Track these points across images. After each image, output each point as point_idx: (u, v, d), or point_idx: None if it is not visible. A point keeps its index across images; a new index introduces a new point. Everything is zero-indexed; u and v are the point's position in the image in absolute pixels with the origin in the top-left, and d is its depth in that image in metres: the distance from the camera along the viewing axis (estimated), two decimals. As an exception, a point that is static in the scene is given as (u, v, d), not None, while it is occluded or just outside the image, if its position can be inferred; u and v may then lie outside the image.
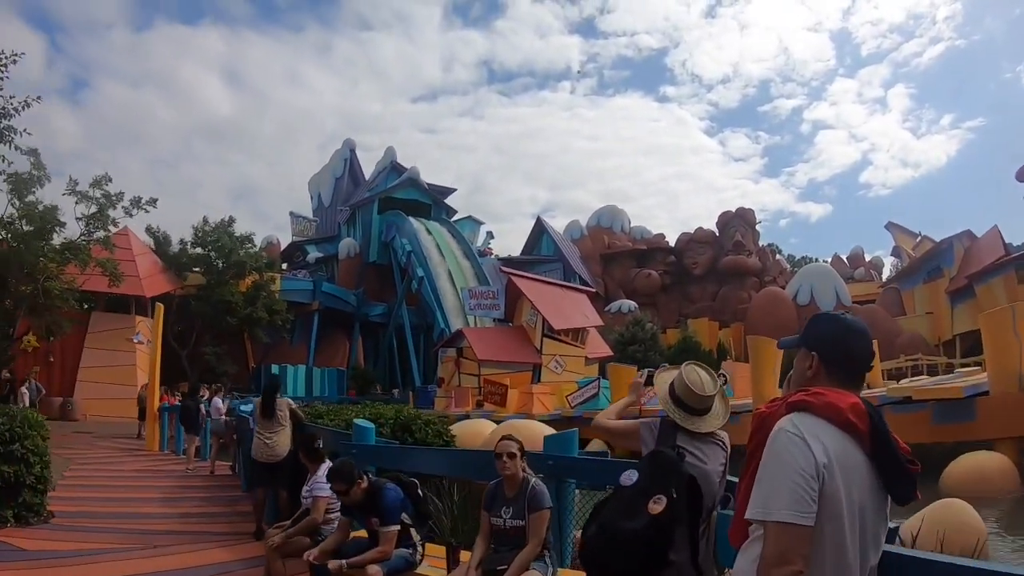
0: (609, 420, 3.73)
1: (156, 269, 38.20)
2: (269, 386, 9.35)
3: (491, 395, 27.76)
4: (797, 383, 2.21)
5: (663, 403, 3.42)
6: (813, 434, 1.93)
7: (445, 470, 6.95)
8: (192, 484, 13.08)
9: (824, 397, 2.01)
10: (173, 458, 17.71)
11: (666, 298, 57.79)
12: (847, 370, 2.13)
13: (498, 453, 4.53)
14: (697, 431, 3.28)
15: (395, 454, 7.29)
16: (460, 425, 10.57)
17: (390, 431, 8.67)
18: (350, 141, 61.43)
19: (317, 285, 48.72)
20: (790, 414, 2.02)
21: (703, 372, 3.42)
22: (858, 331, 2.17)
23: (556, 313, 34.83)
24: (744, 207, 58.50)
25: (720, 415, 3.42)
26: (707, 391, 3.30)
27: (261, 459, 8.75)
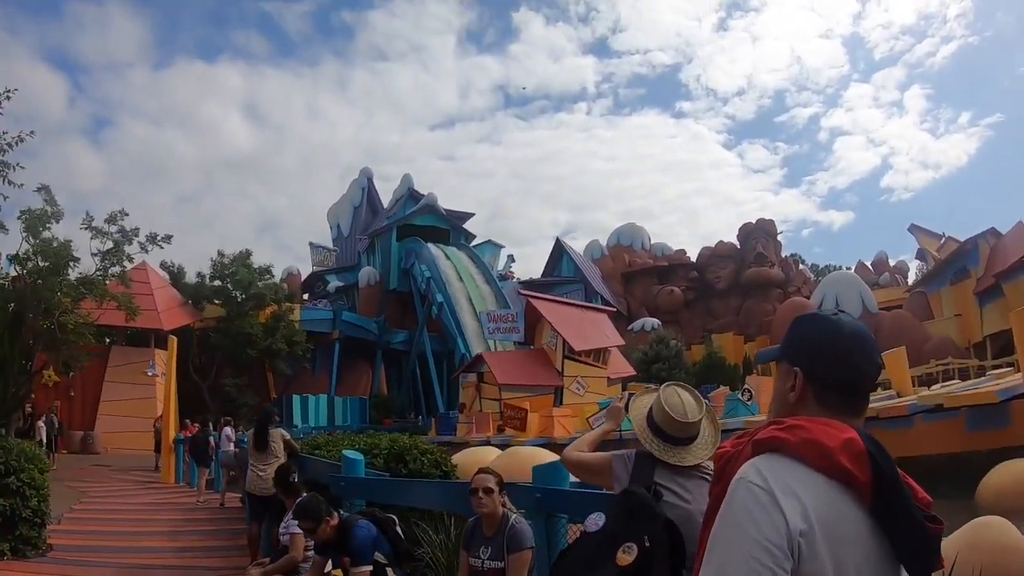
0: (578, 452, 3.23)
1: (174, 303, 38.38)
2: (261, 417, 9.17)
3: (511, 419, 27.31)
4: (778, 411, 1.61)
5: (639, 433, 2.95)
6: (786, 487, 1.36)
7: (438, 503, 6.46)
8: (200, 517, 12.89)
9: (804, 432, 1.43)
10: (187, 490, 17.56)
11: (689, 314, 57.06)
12: (842, 391, 1.54)
13: (473, 489, 4.09)
14: (680, 464, 2.81)
15: (385, 487, 6.88)
16: (464, 454, 10.10)
17: (383, 462, 8.27)
18: (367, 170, 61.69)
19: (337, 314, 48.71)
20: (757, 457, 1.44)
21: (686, 394, 2.90)
22: (856, 335, 1.58)
23: (576, 334, 34.35)
24: (764, 218, 57.83)
25: (709, 443, 2.93)
26: (690, 416, 2.81)
27: (255, 492, 8.52)
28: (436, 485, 7.15)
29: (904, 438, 14.44)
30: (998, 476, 11.20)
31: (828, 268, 70.37)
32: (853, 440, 1.42)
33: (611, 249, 61.53)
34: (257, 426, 9.02)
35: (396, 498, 6.72)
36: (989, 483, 11.20)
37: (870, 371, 1.58)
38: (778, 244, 57.67)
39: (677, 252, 62.01)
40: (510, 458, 8.68)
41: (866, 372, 1.57)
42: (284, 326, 41.49)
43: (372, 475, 7.24)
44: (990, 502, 10.52)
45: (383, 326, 51.78)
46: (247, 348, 39.41)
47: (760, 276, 54.37)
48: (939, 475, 13.81)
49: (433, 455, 8.64)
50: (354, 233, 59.09)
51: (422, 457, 8.42)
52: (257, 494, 8.51)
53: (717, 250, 57.92)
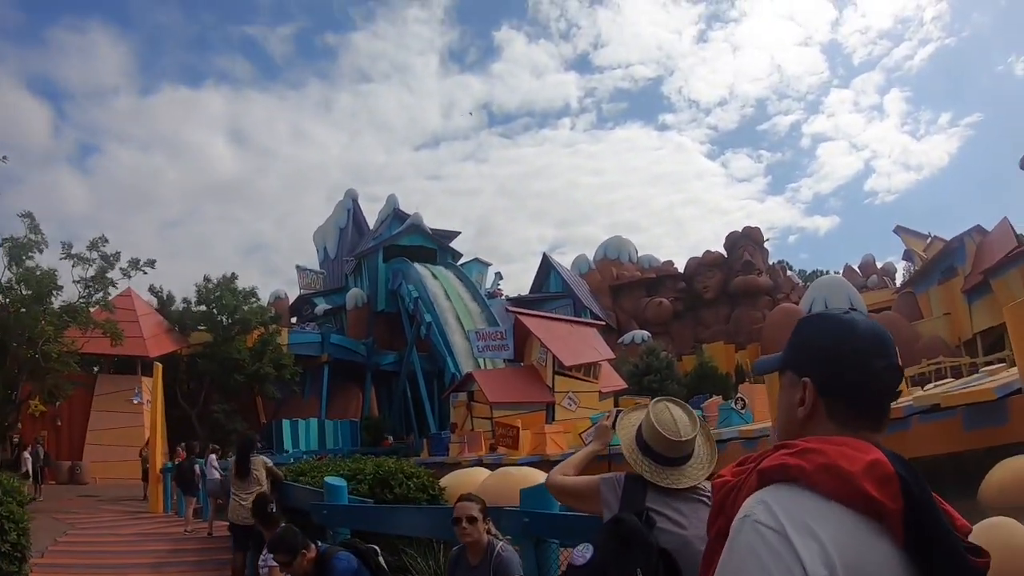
0: (563, 476, 3.01)
1: (160, 329, 38.01)
2: (243, 444, 9.06)
3: (503, 438, 26.96)
4: (785, 430, 1.41)
5: (628, 454, 2.75)
6: (802, 525, 1.14)
7: (425, 530, 6.25)
8: (187, 547, 12.65)
9: (820, 456, 1.22)
10: (176, 520, 17.27)
11: (679, 325, 57.00)
12: (861, 403, 1.33)
13: (455, 518, 3.87)
14: (674, 487, 2.63)
15: (369, 514, 6.70)
16: (453, 476, 9.85)
17: (368, 488, 8.02)
18: (352, 191, 61.58)
19: (325, 337, 48.35)
20: (764, 489, 1.23)
21: (677, 410, 2.73)
22: (874, 336, 1.36)
23: (565, 349, 34.16)
24: (750, 226, 57.99)
25: (705, 462, 2.73)
26: (683, 434, 2.64)
27: (238, 521, 8.36)
28: (422, 511, 6.97)
29: (902, 440, 14.32)
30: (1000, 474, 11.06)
31: (816, 273, 70.55)
32: (879, 462, 1.21)
33: (598, 263, 61.52)
34: (238, 454, 8.89)
35: (381, 525, 6.51)
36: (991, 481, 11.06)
37: (891, 377, 1.36)
38: (765, 251, 57.80)
39: (664, 263, 62.06)
40: (500, 480, 8.47)
41: (887, 379, 1.36)
42: (272, 350, 41.09)
43: (356, 502, 7.06)
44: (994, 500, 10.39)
45: (372, 348, 51.44)
46: (235, 373, 38.98)
47: (748, 284, 54.42)
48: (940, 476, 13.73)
49: (420, 479, 8.42)
50: (341, 255, 58.87)
51: (408, 481, 8.22)
52: (240, 523, 8.34)
53: (704, 260, 57.97)
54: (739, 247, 55.97)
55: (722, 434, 19.19)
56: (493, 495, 7.15)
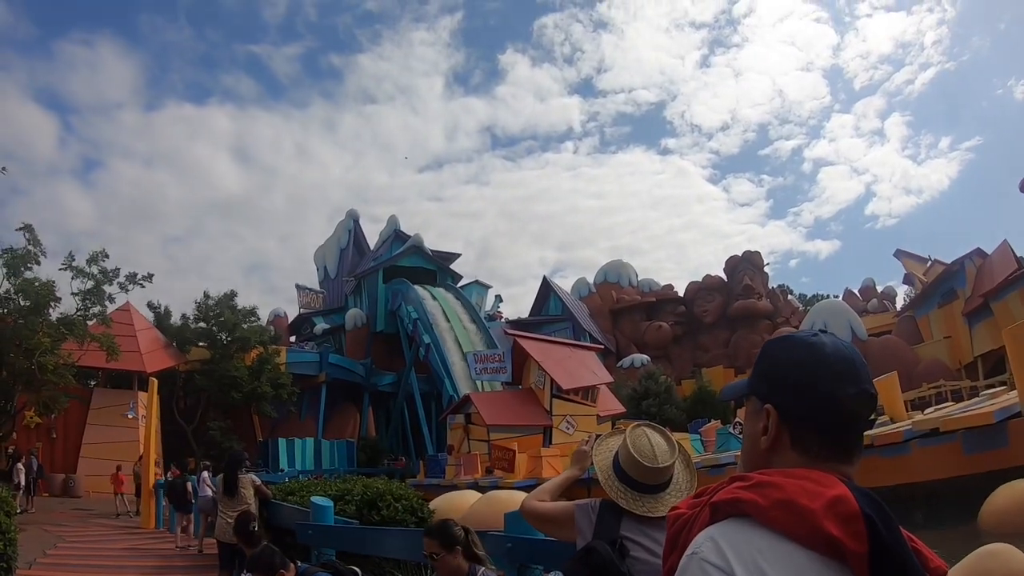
0: (538, 502, 2.90)
1: (158, 344, 37.94)
2: (231, 461, 8.89)
3: (499, 461, 26.76)
4: (748, 460, 1.32)
5: (603, 480, 2.65)
6: (752, 565, 1.06)
7: (408, 553, 6.12)
8: (176, 565, 12.49)
9: (776, 491, 1.13)
10: (167, 536, 17.04)
11: (679, 349, 56.88)
12: (828, 433, 1.23)
13: (424, 554, 3.73)
14: (650, 515, 2.54)
15: (355, 535, 6.62)
16: (443, 498, 9.81)
17: (355, 509, 7.96)
18: (353, 212, 61.79)
19: (324, 357, 48.25)
20: (716, 524, 1.15)
21: (656, 436, 2.65)
22: (842, 359, 1.26)
23: (564, 372, 34.03)
24: (751, 250, 57.99)
25: (683, 490, 2.63)
26: (660, 461, 2.55)
27: (224, 539, 8.22)
28: (405, 534, 6.78)
29: (902, 465, 14.29)
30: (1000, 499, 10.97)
31: (816, 297, 70.50)
32: (842, 498, 1.10)
33: (598, 286, 61.54)
34: (226, 471, 8.75)
35: (366, 547, 6.45)
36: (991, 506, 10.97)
37: (862, 404, 1.24)
38: (765, 275, 57.76)
39: (664, 287, 62.07)
40: (488, 503, 8.43)
41: (857, 406, 1.23)
42: (270, 369, 41.02)
43: (341, 523, 6.99)
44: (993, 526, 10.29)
45: (370, 368, 51.34)
46: (232, 391, 38.89)
47: (748, 308, 54.34)
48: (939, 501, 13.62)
49: (408, 500, 8.32)
50: (341, 275, 58.95)
51: (396, 503, 8.15)
52: (227, 541, 8.19)
53: (704, 284, 57.95)
54: (739, 271, 55.95)
55: (720, 459, 19.03)
56: (480, 519, 7.10)
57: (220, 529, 8.36)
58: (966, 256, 44.36)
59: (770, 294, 57.48)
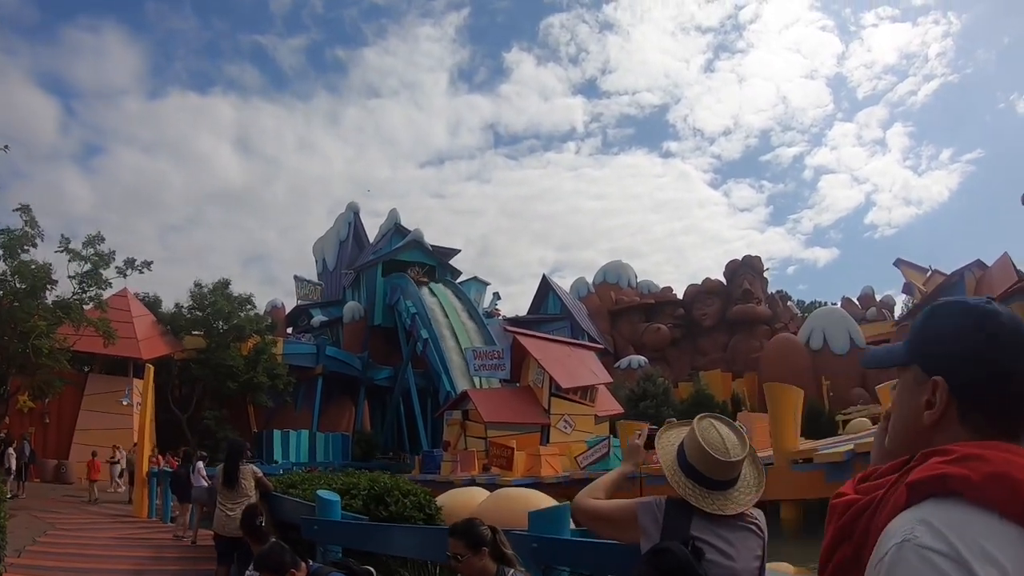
0: (593, 500, 2.68)
1: (155, 331, 37.69)
2: (232, 450, 8.48)
3: (497, 458, 26.59)
4: (903, 438, 1.17)
5: (670, 475, 2.45)
6: (981, 551, 0.90)
7: (419, 551, 5.88)
8: (169, 555, 12.20)
9: (987, 464, 0.99)
10: (160, 526, 16.84)
11: (676, 352, 56.71)
12: (1003, 408, 1.10)
13: (448, 555, 3.51)
14: (720, 513, 2.36)
15: (363, 532, 6.29)
16: (449, 495, 9.46)
17: (362, 504, 7.63)
18: (354, 204, 61.50)
19: (321, 349, 47.99)
20: (918, 506, 0.99)
21: (724, 428, 2.46)
22: (1018, 331, 1.15)
23: (563, 371, 33.86)
24: (751, 255, 57.83)
25: (752, 486, 2.46)
26: (732, 455, 2.37)
27: (223, 533, 7.93)
28: (417, 532, 6.48)
29: None
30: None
31: (815, 304, 70.37)
32: None
33: (597, 287, 61.39)
34: (226, 461, 8.36)
35: (375, 544, 6.16)
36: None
37: None
38: (764, 281, 57.61)
39: (663, 289, 61.92)
40: (499, 501, 8.09)
41: None
42: (266, 359, 40.77)
43: (349, 518, 6.67)
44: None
45: (367, 362, 51.08)
46: (228, 381, 38.64)
47: (747, 313, 54.20)
48: None
49: (416, 496, 7.99)
50: (339, 267, 58.68)
51: (404, 499, 7.83)
52: (226, 535, 7.93)
53: (704, 287, 57.80)
54: (739, 275, 55.79)
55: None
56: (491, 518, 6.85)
57: (218, 522, 8.02)
58: (966, 267, 44.44)
59: (769, 300, 57.32)
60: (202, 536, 13.31)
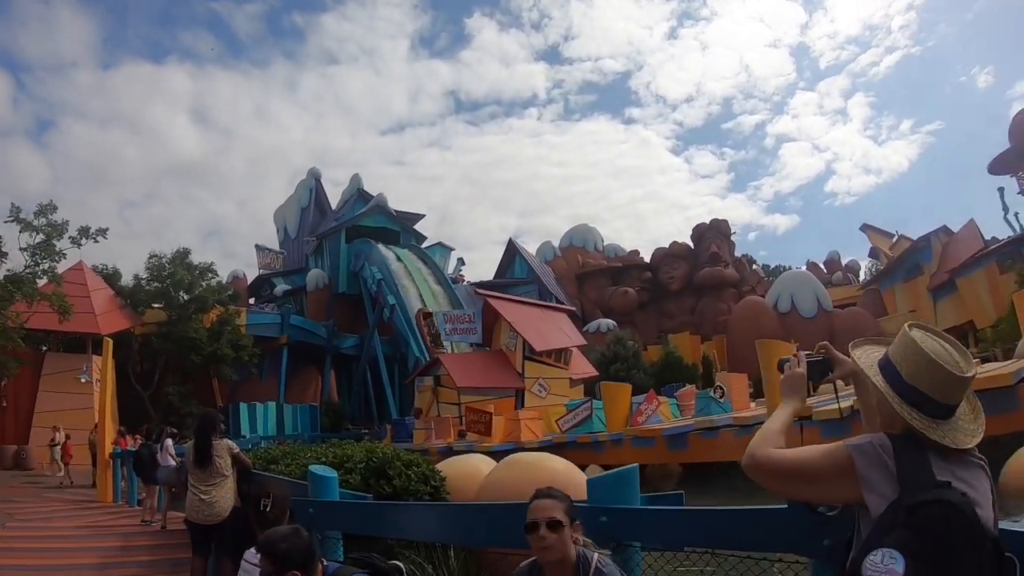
0: (783, 451, 1.99)
1: (113, 305, 36.25)
2: (203, 424, 7.22)
3: (474, 424, 25.97)
4: None
5: (894, 404, 1.87)
6: None
7: (443, 534, 4.99)
8: (138, 544, 11.14)
9: None
10: (127, 510, 15.70)
11: (643, 315, 56.68)
12: None
13: (532, 522, 2.70)
14: (957, 447, 1.80)
15: (370, 514, 5.28)
16: (449, 464, 8.37)
17: (360, 479, 6.70)
18: (315, 170, 59.85)
19: (285, 318, 46.87)
20: None
21: (945, 341, 1.90)
22: None
23: (536, 334, 33.29)
24: (718, 219, 57.81)
25: (971, 416, 1.91)
26: (966, 369, 1.82)
27: (198, 520, 6.85)
28: (439, 510, 5.49)
29: None
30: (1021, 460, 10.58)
31: (778, 268, 70.78)
32: None
33: (563, 250, 61.01)
34: (197, 436, 7.13)
35: (384, 528, 5.17)
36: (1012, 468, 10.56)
37: None
38: (732, 244, 57.76)
39: (630, 253, 61.81)
40: (513, 470, 7.17)
41: None
42: (230, 331, 39.62)
43: (349, 497, 5.66)
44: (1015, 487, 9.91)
45: (332, 330, 50.07)
46: (191, 354, 37.49)
47: (714, 276, 54.27)
48: None
49: (420, 467, 7.14)
50: (301, 235, 57.24)
51: (407, 471, 6.93)
52: (200, 523, 6.84)
53: (671, 250, 57.71)
54: (706, 239, 55.79)
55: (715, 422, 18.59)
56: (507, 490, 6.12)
57: (191, 508, 6.91)
58: (932, 233, 45.02)
59: (736, 263, 57.43)
60: (172, 519, 12.37)
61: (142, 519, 13.31)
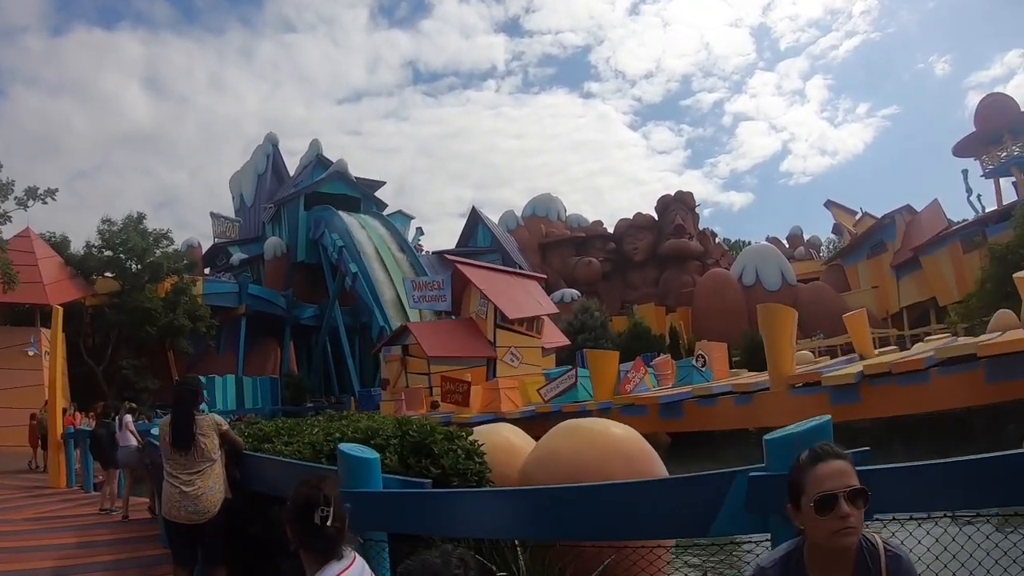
0: None
1: (63, 274, 34.24)
2: (182, 393, 5.70)
3: (451, 394, 25.03)
4: None
5: None
6: None
7: (521, 528, 3.69)
8: (99, 539, 9.24)
9: None
10: (82, 496, 14.12)
11: (607, 285, 56.36)
12: None
13: (828, 495, 1.94)
14: None
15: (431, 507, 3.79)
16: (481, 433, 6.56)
17: (397, 459, 5.13)
18: (272, 136, 57.76)
19: (243, 287, 45.28)
20: None
21: None
22: None
23: (509, 302, 32.56)
24: (683, 191, 57.63)
25: None
26: None
27: (177, 518, 5.27)
28: (520, 498, 3.76)
29: (921, 393, 13.79)
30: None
31: (739, 243, 70.98)
32: None
33: (526, 220, 60.31)
34: (175, 411, 5.53)
35: (449, 525, 3.69)
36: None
37: None
38: (696, 217, 57.65)
39: (594, 223, 61.40)
40: (573, 439, 5.68)
41: None
42: (186, 300, 37.98)
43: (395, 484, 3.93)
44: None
45: (292, 300, 48.67)
46: (146, 325, 35.78)
47: (679, 248, 54.15)
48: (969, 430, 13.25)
49: (462, 441, 5.58)
50: (258, 202, 55.32)
51: (452, 446, 5.39)
52: (183, 522, 5.27)
53: (635, 221, 57.39)
54: (670, 211, 55.56)
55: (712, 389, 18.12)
56: (571, 465, 5.22)
57: (170, 502, 5.33)
58: (896, 211, 45.63)
59: (700, 236, 57.40)
60: (135, 506, 11.20)
61: (100, 507, 11.70)
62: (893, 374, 14.20)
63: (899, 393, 13.96)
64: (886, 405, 14.27)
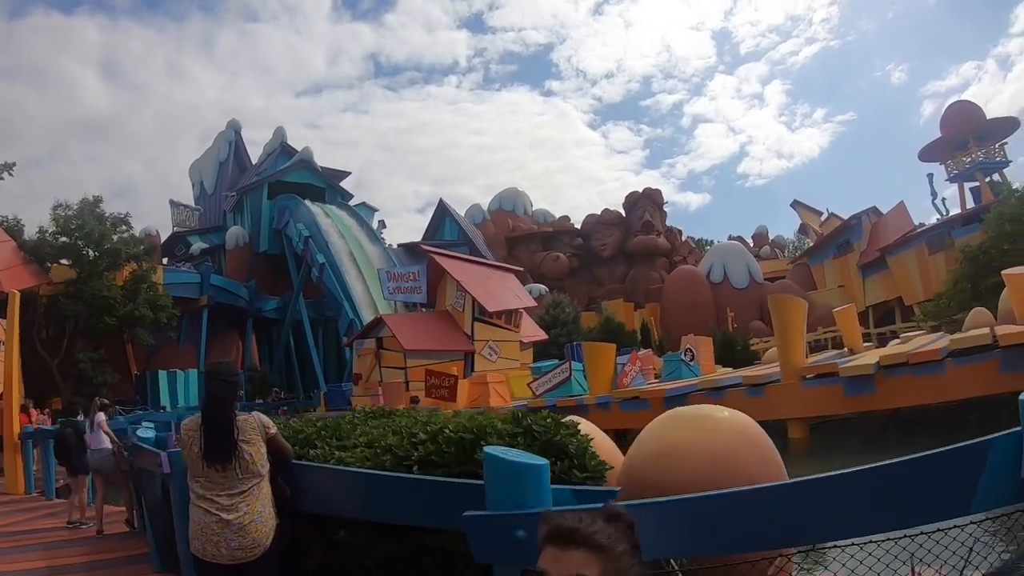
0: None
1: (17, 260, 32.48)
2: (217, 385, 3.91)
3: (436, 388, 24.16)
4: None
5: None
6: None
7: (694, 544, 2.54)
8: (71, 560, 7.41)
9: None
10: (44, 505, 12.46)
11: (574, 281, 56.10)
12: None
13: None
14: None
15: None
16: None
17: None
18: (235, 122, 55.96)
19: (205, 277, 43.66)
20: None
21: None
22: None
23: (486, 294, 31.82)
24: (651, 188, 57.67)
25: None
26: None
27: (217, 558, 3.73)
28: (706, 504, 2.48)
29: (937, 383, 13.95)
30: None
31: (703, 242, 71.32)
32: None
33: (493, 214, 59.78)
34: (208, 410, 3.86)
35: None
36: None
37: None
38: (664, 214, 57.73)
39: (561, 219, 61.14)
40: (686, 430, 4.65)
41: None
42: (147, 289, 36.29)
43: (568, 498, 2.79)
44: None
45: (254, 292, 47.19)
46: (105, 315, 34.03)
47: (647, 244, 54.17)
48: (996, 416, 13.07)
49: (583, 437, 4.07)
50: (219, 191, 53.54)
51: (584, 443, 3.97)
52: (224, 562, 3.74)
53: (603, 218, 57.24)
54: (638, 207, 55.52)
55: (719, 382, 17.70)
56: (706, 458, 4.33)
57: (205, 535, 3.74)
58: (863, 212, 46.42)
59: (667, 233, 57.50)
60: (111, 516, 9.55)
61: (68, 519, 10.14)
62: (910, 364, 14.16)
63: (914, 383, 13.97)
64: (900, 396, 14.26)
